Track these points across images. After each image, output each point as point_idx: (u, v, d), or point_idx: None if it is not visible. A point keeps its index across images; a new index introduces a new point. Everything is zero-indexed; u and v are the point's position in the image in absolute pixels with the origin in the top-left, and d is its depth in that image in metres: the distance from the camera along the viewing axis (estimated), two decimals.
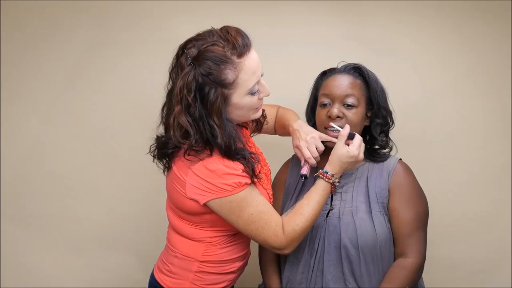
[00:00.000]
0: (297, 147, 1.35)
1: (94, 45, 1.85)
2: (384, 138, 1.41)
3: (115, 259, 1.91)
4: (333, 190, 1.28)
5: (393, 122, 1.42)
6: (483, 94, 1.83)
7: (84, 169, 1.89)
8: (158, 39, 1.84)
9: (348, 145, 1.28)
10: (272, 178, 1.47)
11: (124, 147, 1.87)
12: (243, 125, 1.38)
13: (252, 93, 1.17)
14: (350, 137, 1.28)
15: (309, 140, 1.32)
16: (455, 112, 1.84)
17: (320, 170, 1.27)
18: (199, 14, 1.83)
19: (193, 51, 1.12)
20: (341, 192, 1.36)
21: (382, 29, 1.82)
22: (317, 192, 1.25)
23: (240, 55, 1.12)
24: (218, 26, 1.18)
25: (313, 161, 1.32)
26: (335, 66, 1.43)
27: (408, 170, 1.37)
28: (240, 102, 1.17)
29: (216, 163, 1.16)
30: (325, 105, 1.36)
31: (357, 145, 1.28)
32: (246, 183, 1.19)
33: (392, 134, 1.43)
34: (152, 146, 1.28)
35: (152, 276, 1.39)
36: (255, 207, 1.19)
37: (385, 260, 1.30)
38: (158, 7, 1.84)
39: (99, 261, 1.91)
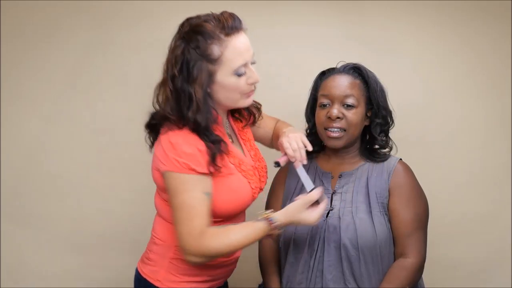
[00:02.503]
0: (280, 142, 1.35)
1: (94, 45, 1.85)
2: (384, 138, 1.40)
3: (115, 259, 1.91)
4: (274, 238, 1.27)
5: (393, 122, 1.42)
6: (483, 94, 1.83)
7: (84, 169, 1.88)
8: (158, 39, 1.83)
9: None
10: (272, 178, 1.47)
11: (124, 147, 1.87)
12: (238, 118, 1.38)
13: (238, 74, 1.18)
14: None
15: (290, 136, 1.33)
16: (455, 112, 1.84)
17: (267, 215, 1.20)
18: None
19: (186, 27, 1.18)
20: (341, 192, 1.36)
21: (382, 29, 1.82)
22: (254, 231, 1.18)
23: (228, 34, 1.16)
24: None
25: (290, 152, 1.30)
26: (334, 66, 1.43)
27: (408, 170, 1.37)
28: (225, 81, 1.18)
29: (178, 137, 1.16)
30: (324, 105, 1.36)
31: (321, 213, 1.23)
32: (195, 170, 1.15)
33: (392, 134, 1.43)
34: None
35: (136, 268, 1.37)
36: (188, 198, 1.15)
37: (385, 260, 1.30)
38: (158, 7, 1.84)
39: (99, 261, 1.90)
